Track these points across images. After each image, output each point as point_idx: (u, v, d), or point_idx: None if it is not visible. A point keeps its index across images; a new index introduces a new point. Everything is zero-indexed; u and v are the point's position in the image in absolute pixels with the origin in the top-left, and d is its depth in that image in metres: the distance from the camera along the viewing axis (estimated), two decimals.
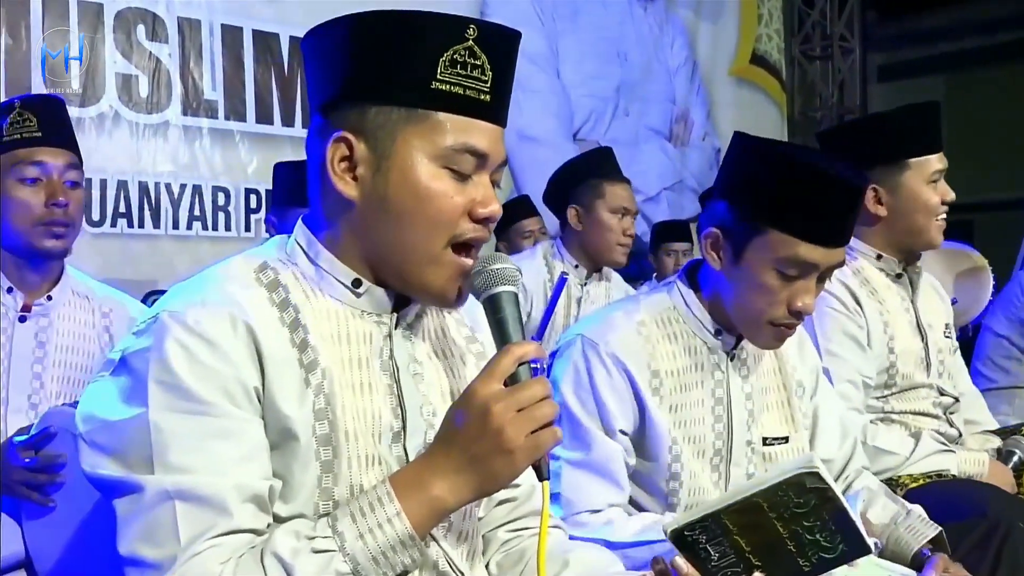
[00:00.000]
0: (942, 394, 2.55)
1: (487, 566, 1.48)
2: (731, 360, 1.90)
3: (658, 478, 1.86)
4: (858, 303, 2.44)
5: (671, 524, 1.32)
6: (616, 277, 3.80)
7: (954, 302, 2.96)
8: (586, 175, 3.61)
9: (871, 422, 2.41)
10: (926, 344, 2.53)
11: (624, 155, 3.52)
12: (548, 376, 1.83)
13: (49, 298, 2.29)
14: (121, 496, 1.21)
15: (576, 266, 3.61)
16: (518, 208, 4.77)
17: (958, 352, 2.70)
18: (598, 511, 1.83)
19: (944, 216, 2.52)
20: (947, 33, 9.52)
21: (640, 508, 1.91)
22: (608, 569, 1.47)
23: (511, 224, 4.66)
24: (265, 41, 4.97)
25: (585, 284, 3.62)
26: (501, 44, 1.28)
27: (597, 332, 1.88)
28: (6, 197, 2.22)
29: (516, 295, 1.28)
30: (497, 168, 1.32)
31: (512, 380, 1.21)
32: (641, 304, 1.93)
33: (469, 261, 1.29)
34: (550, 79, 6.25)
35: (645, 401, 1.84)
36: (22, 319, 2.24)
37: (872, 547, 1.32)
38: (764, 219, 1.76)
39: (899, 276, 2.55)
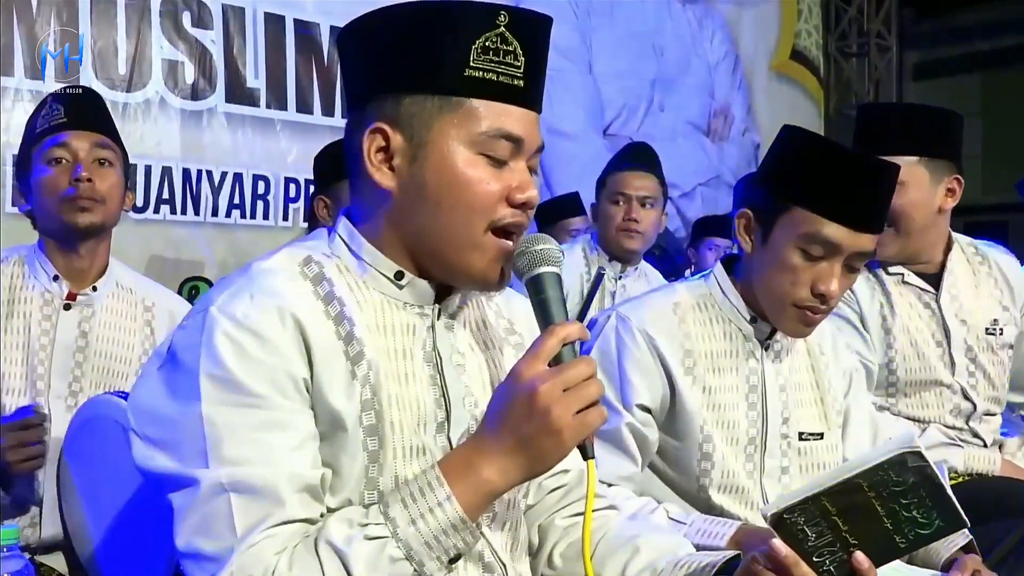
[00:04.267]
0: (966, 397, 2.48)
1: (550, 556, 1.50)
2: (766, 350, 1.93)
3: (689, 457, 1.89)
4: (852, 292, 2.42)
5: (771, 508, 1.32)
6: (653, 273, 3.80)
7: None
8: (604, 173, 3.66)
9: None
10: (949, 342, 2.47)
11: (659, 150, 3.55)
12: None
13: (94, 289, 2.31)
14: (176, 490, 1.22)
15: (610, 260, 3.63)
16: (566, 205, 4.75)
17: (1006, 349, 2.57)
18: (609, 485, 1.84)
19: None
20: (984, 31, 9.41)
21: (672, 485, 1.94)
22: (679, 551, 1.47)
23: (558, 220, 4.62)
24: (306, 30, 4.98)
25: (620, 278, 3.63)
26: (533, 29, 1.29)
27: (631, 309, 1.94)
28: (36, 181, 2.26)
29: (559, 276, 1.29)
30: (533, 154, 1.33)
31: (556, 361, 1.21)
32: (679, 288, 1.99)
33: (510, 243, 1.30)
34: (581, 73, 6.18)
35: (676, 379, 1.87)
36: (67, 307, 2.27)
37: (967, 521, 1.31)
38: (789, 197, 1.80)
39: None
